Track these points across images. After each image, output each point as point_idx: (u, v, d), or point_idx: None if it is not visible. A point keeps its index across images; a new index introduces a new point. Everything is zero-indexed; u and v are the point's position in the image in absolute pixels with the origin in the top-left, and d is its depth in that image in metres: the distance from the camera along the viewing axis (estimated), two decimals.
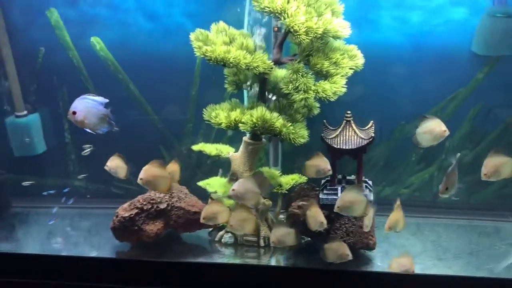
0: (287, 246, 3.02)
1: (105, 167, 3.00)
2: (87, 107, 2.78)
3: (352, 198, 2.72)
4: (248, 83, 3.04)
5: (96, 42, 3.53)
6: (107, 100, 2.85)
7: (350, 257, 2.79)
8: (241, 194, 2.78)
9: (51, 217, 3.61)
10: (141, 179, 2.83)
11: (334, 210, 2.76)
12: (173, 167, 3.26)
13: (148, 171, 2.84)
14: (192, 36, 2.92)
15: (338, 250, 2.79)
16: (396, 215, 2.85)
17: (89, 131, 2.85)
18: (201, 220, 2.94)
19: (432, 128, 2.75)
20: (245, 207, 2.87)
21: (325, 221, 2.86)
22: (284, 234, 2.90)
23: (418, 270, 2.91)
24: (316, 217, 2.84)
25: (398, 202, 2.87)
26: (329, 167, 2.88)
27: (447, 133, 2.75)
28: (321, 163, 2.89)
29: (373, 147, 3.34)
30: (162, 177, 2.88)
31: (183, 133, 3.74)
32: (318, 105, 3.17)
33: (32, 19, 3.57)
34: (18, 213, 3.73)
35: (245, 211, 2.88)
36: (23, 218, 3.67)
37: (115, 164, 3.01)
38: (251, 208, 2.90)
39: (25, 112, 3.65)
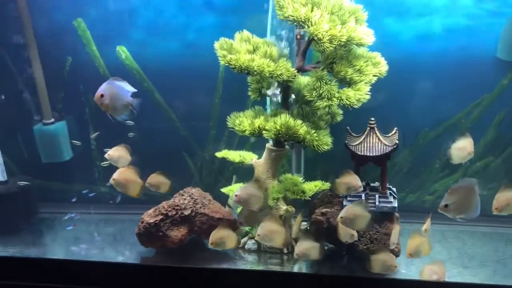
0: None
1: (106, 155, 3.07)
2: (115, 92, 2.81)
3: (356, 212, 2.74)
4: (272, 91, 3.05)
5: (122, 51, 3.60)
6: (135, 90, 2.88)
7: (397, 268, 2.78)
8: (244, 199, 2.85)
9: (69, 223, 3.69)
10: (113, 179, 2.93)
11: (337, 220, 2.77)
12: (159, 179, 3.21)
13: (122, 173, 2.96)
14: (216, 45, 2.96)
15: (385, 261, 2.78)
16: (419, 239, 2.82)
17: (110, 116, 2.87)
18: (209, 246, 3.01)
19: (465, 147, 2.80)
20: (275, 218, 2.92)
21: (356, 234, 2.86)
22: (309, 247, 2.90)
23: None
24: (347, 229, 2.84)
25: (425, 227, 2.85)
26: (360, 184, 2.89)
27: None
28: (352, 181, 2.90)
29: (396, 153, 3.32)
30: (134, 182, 3.02)
31: (206, 140, 3.78)
32: (341, 112, 3.18)
33: (60, 29, 3.65)
34: (45, 218, 3.80)
35: (275, 222, 2.91)
36: (49, 223, 3.74)
37: (118, 154, 3.08)
38: (280, 220, 2.96)
39: (53, 119, 3.72)
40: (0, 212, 3.54)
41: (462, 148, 2.80)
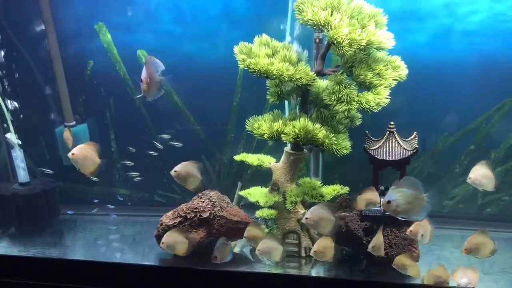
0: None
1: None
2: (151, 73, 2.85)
3: (321, 215, 2.80)
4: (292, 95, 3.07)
5: (142, 55, 3.64)
6: (163, 68, 2.91)
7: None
8: (183, 176, 2.91)
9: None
10: (72, 154, 2.91)
11: (302, 221, 2.82)
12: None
13: (81, 149, 2.94)
14: (236, 49, 2.97)
15: (440, 276, 2.77)
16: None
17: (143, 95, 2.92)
18: (161, 245, 3.05)
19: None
20: (273, 236, 3.00)
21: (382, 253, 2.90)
22: (326, 247, 2.91)
23: (461, 284, 2.86)
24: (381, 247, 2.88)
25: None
26: (378, 199, 2.93)
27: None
28: (372, 197, 2.93)
29: (416, 158, 3.30)
30: (92, 159, 2.97)
31: (225, 143, 3.80)
32: (360, 116, 3.17)
33: (82, 33, 3.71)
34: (66, 219, 3.85)
35: (273, 240, 2.97)
36: (71, 224, 3.79)
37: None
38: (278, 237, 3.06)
39: (74, 122, 3.78)
40: (23, 213, 3.61)
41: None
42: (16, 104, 3.73)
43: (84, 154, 2.96)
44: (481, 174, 2.84)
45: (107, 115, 3.85)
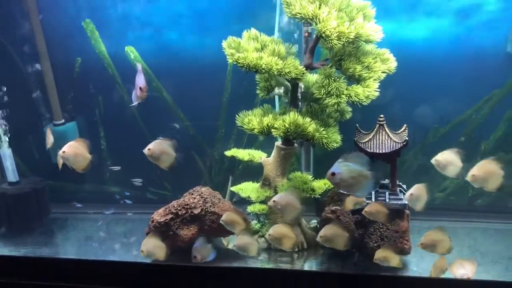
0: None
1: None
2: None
3: (289, 201, 2.79)
4: (281, 90, 3.05)
5: (130, 51, 3.62)
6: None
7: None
8: (156, 155, 2.87)
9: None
10: (63, 152, 2.92)
11: (268, 203, 2.82)
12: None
13: (71, 147, 2.94)
14: (224, 43, 2.96)
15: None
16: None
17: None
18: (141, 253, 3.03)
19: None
20: (287, 224, 2.94)
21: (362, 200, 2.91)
22: (336, 234, 2.87)
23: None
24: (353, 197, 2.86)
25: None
26: (365, 199, 2.96)
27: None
28: (359, 198, 2.95)
29: (406, 150, 3.31)
30: (83, 156, 2.97)
31: (215, 139, 3.79)
32: (350, 109, 3.17)
33: (69, 30, 3.68)
34: (57, 218, 3.83)
35: (286, 227, 2.92)
36: (61, 223, 3.77)
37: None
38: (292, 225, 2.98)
39: (63, 120, 3.75)
40: (12, 213, 3.58)
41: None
42: (4, 101, 3.70)
43: (74, 151, 2.95)
44: (447, 159, 2.82)
45: (96, 112, 3.82)
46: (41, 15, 3.60)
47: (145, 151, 2.89)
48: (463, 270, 2.67)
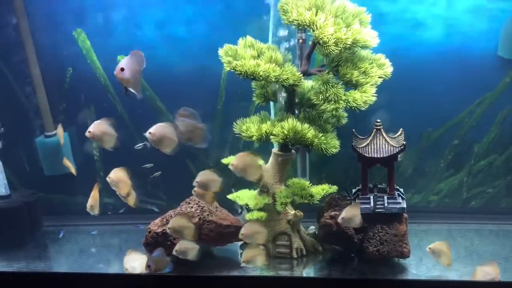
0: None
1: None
2: (135, 67, 2.72)
3: (209, 177, 2.94)
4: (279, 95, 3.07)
5: None
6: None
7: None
8: (158, 138, 2.83)
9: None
10: (89, 132, 2.87)
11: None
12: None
13: (98, 125, 2.90)
14: (221, 51, 2.96)
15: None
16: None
17: (132, 91, 2.78)
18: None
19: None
20: (259, 221, 3.00)
21: None
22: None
23: (453, 277, 2.91)
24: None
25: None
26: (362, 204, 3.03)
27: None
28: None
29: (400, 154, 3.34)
30: (110, 134, 2.92)
31: (210, 147, 3.76)
32: (346, 114, 3.18)
33: (60, 40, 3.64)
34: (49, 231, 3.75)
35: (258, 224, 2.97)
36: (54, 236, 3.70)
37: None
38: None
39: (54, 131, 3.69)
40: (4, 227, 3.50)
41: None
42: None
43: (101, 130, 2.88)
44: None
45: (88, 123, 3.76)
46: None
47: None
48: (489, 276, 2.69)
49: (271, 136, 2.92)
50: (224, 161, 3.35)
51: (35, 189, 3.73)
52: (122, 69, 2.69)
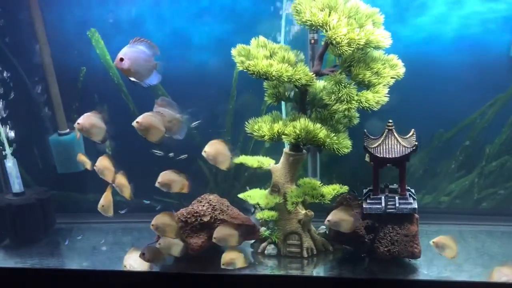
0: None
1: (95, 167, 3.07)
2: (136, 56, 2.70)
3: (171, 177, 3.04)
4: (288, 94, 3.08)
5: None
6: (158, 53, 2.79)
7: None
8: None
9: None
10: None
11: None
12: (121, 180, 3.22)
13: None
14: (234, 51, 2.98)
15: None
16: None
17: (134, 80, 2.76)
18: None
19: None
20: (230, 223, 3.07)
21: None
22: (342, 218, 2.94)
23: (465, 277, 2.91)
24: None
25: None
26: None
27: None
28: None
29: (412, 155, 3.34)
30: (99, 127, 2.97)
31: None
32: (357, 114, 3.19)
33: (74, 39, 3.67)
34: (62, 229, 3.79)
35: (229, 226, 3.04)
36: (67, 234, 3.73)
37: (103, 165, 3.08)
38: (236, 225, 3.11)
39: (68, 130, 3.73)
40: (18, 223, 3.55)
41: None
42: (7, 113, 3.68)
43: (90, 122, 2.92)
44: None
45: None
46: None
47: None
48: (506, 277, 2.69)
49: (283, 136, 2.93)
50: (236, 160, 3.37)
51: (48, 187, 3.77)
52: (122, 59, 2.67)
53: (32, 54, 3.69)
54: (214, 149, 3.01)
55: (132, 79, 2.75)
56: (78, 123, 2.87)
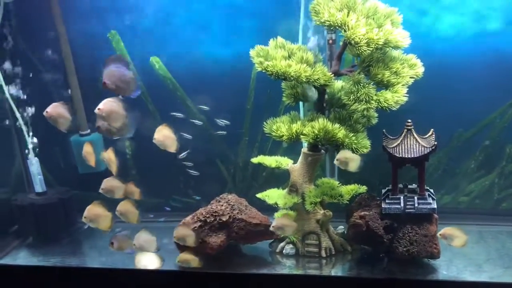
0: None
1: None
2: (114, 73, 2.80)
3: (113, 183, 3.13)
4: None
5: (155, 61, 3.66)
6: (129, 64, 2.92)
7: None
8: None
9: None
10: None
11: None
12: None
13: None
14: (252, 52, 2.99)
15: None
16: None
17: (124, 96, 2.86)
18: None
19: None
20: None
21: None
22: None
23: (485, 278, 2.89)
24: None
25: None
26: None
27: None
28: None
29: (431, 155, 3.32)
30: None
31: (239, 147, 3.81)
32: (376, 114, 3.18)
33: (94, 41, 3.73)
34: (83, 228, 3.84)
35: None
36: (88, 233, 3.78)
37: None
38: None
39: (89, 130, 3.79)
40: (40, 222, 3.62)
41: None
42: (31, 113, 3.75)
43: (57, 112, 2.97)
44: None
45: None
46: None
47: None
48: None
49: (302, 136, 2.94)
50: (254, 160, 3.40)
51: (70, 187, 3.83)
52: (104, 83, 2.80)
53: (54, 55, 3.75)
54: (161, 135, 3.03)
55: (120, 97, 2.88)
56: (46, 111, 2.92)
